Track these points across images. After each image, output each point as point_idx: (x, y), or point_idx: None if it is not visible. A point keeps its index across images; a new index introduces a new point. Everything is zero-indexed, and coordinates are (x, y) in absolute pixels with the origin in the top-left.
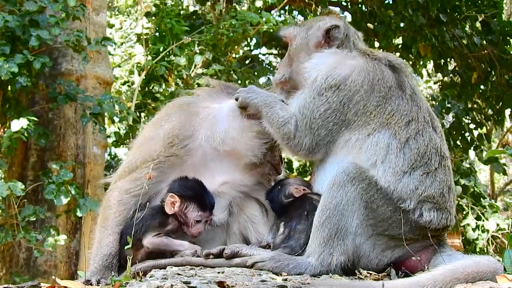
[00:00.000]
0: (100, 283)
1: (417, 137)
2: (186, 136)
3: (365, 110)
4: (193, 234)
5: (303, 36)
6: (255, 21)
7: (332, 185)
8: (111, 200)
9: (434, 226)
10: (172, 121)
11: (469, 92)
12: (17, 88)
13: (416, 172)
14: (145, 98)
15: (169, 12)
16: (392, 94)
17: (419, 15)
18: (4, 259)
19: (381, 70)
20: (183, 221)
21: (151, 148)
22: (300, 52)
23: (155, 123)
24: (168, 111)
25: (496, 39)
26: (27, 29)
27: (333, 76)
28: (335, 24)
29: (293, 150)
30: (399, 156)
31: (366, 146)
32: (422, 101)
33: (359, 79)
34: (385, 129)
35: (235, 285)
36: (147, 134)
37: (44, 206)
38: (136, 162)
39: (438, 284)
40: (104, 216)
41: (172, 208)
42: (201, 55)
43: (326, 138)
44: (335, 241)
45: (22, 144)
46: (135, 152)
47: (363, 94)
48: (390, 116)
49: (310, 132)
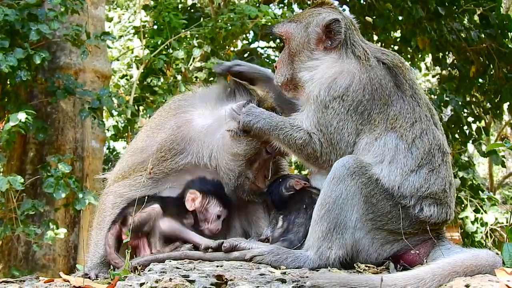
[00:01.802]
0: (99, 277)
1: (422, 136)
2: (178, 151)
3: (369, 119)
4: (211, 231)
5: (303, 34)
6: (253, 14)
7: (332, 179)
8: (106, 204)
9: (433, 221)
10: (165, 132)
11: (467, 85)
12: (17, 82)
13: (422, 170)
14: (143, 92)
15: (167, 5)
16: (393, 99)
17: (418, 8)
18: (3, 253)
19: (377, 78)
20: (203, 217)
21: (144, 159)
22: (301, 51)
23: (149, 131)
24: (161, 119)
25: (495, 33)
26: (26, 23)
27: (335, 88)
28: (335, 18)
29: (322, 166)
30: (407, 156)
31: (375, 148)
32: (422, 98)
33: (360, 88)
34: (391, 133)
35: (233, 279)
36: (140, 144)
37: (43, 200)
38: (129, 171)
39: (437, 277)
40: (100, 218)
41: (193, 204)
42: (200, 49)
43: (347, 150)
44: (334, 235)
45: (21, 138)
46: (128, 160)
47: (366, 103)
48: (394, 121)
49: (333, 147)
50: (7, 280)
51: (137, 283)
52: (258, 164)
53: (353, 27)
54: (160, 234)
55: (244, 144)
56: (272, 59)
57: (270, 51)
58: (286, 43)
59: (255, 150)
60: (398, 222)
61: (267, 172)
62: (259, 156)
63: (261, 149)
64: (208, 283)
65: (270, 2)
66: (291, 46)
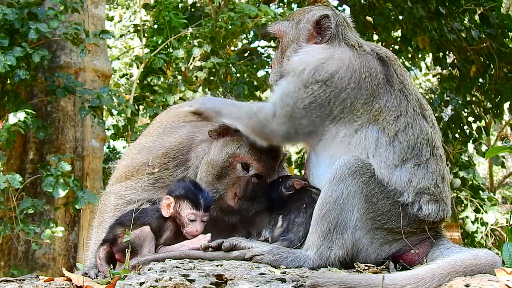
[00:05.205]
0: (99, 277)
1: (406, 130)
2: (179, 162)
3: (351, 108)
4: (189, 234)
5: (294, 31)
6: (253, 14)
7: (333, 179)
8: (107, 205)
9: (432, 219)
10: (175, 138)
11: (467, 85)
12: (16, 81)
13: (407, 165)
14: (143, 91)
15: (167, 4)
16: (380, 91)
17: (418, 7)
18: (2, 252)
19: (368, 67)
20: (179, 221)
21: (148, 160)
22: (292, 47)
23: (161, 129)
24: (176, 123)
25: (495, 32)
26: (25, 22)
27: (320, 72)
28: (324, 14)
29: (267, 136)
30: (388, 150)
31: (355, 141)
32: (412, 93)
33: (347, 76)
34: (373, 125)
35: (233, 278)
36: (149, 142)
37: (43, 199)
38: (133, 171)
39: (436, 277)
40: (101, 219)
41: (168, 210)
42: (200, 48)
43: (308, 128)
44: (334, 235)
45: (21, 137)
46: (134, 157)
47: (350, 91)
48: (378, 113)
49: (289, 120)
50: (7, 279)
51: (137, 282)
52: (229, 179)
53: (346, 23)
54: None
55: (217, 151)
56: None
57: (271, 51)
58: (279, 41)
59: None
60: (397, 221)
61: (239, 191)
62: (232, 172)
63: (234, 164)
64: (208, 282)
65: (270, 1)
66: (283, 43)
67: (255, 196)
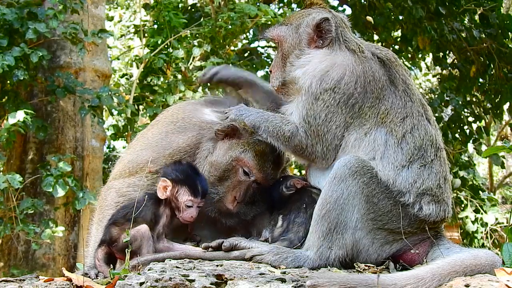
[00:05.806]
0: (99, 277)
1: (413, 131)
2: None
3: (360, 113)
4: (185, 219)
5: (294, 36)
6: (253, 14)
7: (333, 179)
8: (108, 200)
9: (432, 219)
10: (183, 139)
11: (467, 85)
12: (15, 81)
13: (414, 165)
14: (143, 91)
15: (167, 4)
16: (385, 93)
17: (418, 7)
18: (2, 252)
19: (371, 71)
20: (175, 205)
21: (154, 158)
22: (293, 53)
23: (171, 126)
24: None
25: (495, 33)
26: (25, 22)
27: (326, 81)
28: (324, 17)
29: (309, 158)
30: (397, 151)
31: (365, 144)
32: (414, 93)
33: (352, 81)
34: (381, 127)
35: (233, 278)
36: (156, 139)
37: (43, 199)
38: (137, 168)
39: (436, 277)
40: (101, 215)
41: (164, 192)
42: (199, 48)
43: (334, 142)
44: (334, 235)
45: (20, 137)
46: (138, 154)
47: (357, 96)
48: (385, 116)
49: (319, 139)
50: (7, 279)
51: (137, 282)
52: (231, 182)
53: (345, 24)
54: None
55: (222, 153)
56: (272, 58)
57: (271, 51)
58: (279, 46)
59: (229, 166)
60: (398, 221)
61: (239, 195)
62: (234, 175)
63: (237, 168)
64: (208, 282)
65: (270, 1)
66: (284, 49)
67: (254, 201)
